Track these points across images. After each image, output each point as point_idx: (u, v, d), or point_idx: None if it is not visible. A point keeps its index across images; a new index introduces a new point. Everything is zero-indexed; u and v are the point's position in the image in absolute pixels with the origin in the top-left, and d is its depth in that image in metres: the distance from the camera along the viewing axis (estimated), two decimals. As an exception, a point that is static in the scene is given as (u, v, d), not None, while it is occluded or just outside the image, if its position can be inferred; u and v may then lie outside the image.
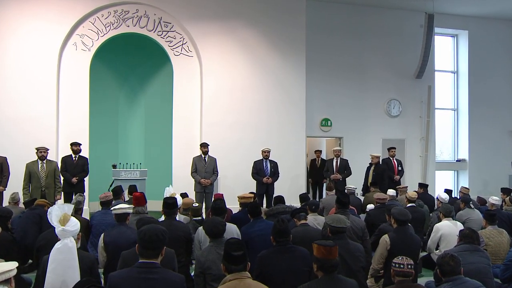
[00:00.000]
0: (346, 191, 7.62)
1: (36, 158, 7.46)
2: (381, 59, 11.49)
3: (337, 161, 9.06)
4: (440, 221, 5.49)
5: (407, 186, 8.08)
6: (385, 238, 4.35)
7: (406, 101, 11.64)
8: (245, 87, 9.85)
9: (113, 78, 10.63)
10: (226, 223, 4.00)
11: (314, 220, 5.29)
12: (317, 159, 11.11)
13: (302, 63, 10.23)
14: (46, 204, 5.72)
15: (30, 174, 7.34)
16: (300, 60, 10.22)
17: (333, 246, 2.94)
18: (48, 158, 7.57)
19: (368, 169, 9.02)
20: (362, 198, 8.13)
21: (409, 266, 3.10)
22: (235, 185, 9.02)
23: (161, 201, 4.63)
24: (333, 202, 6.32)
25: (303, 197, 6.83)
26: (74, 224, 3.29)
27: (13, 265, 2.60)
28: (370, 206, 6.71)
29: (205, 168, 8.23)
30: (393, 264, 3.16)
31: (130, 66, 10.68)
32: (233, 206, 6.76)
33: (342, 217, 4.01)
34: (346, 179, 8.99)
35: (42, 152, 7.43)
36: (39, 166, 7.40)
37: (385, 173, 8.74)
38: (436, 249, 5.37)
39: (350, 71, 11.27)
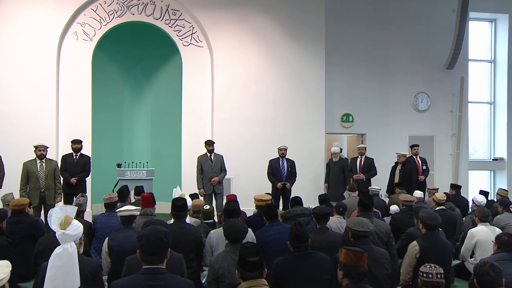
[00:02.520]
0: (369, 192, 7.56)
1: (34, 156, 7.44)
2: (408, 49, 11.35)
3: (361, 160, 9.00)
4: (475, 226, 5.39)
5: (437, 188, 7.98)
6: (414, 245, 4.28)
7: (435, 94, 11.48)
8: (260, 80, 9.83)
9: (117, 71, 10.70)
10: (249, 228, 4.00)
11: (338, 223, 5.27)
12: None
13: (321, 54, 10.16)
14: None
15: (28, 174, 7.30)
16: (319, 51, 10.15)
17: (363, 252, 2.90)
18: (47, 157, 7.55)
19: (394, 168, 8.94)
20: (387, 200, 8.05)
21: (439, 276, 3.04)
22: (248, 186, 9.02)
23: (169, 202, 4.64)
24: (355, 204, 6.29)
25: (322, 199, 6.79)
26: (76, 228, 3.29)
27: (5, 271, 2.59)
28: (394, 208, 6.65)
29: (212, 168, 8.22)
30: (420, 274, 3.10)
31: (135, 57, 10.73)
32: (247, 208, 6.75)
33: (365, 220, 3.96)
34: (371, 179, 8.92)
35: (41, 151, 7.41)
36: (38, 166, 7.38)
37: (412, 173, 8.64)
38: (471, 257, 5.28)
39: (374, 62, 11.16)
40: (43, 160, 7.43)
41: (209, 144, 8.33)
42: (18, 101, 8.65)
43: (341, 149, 9.73)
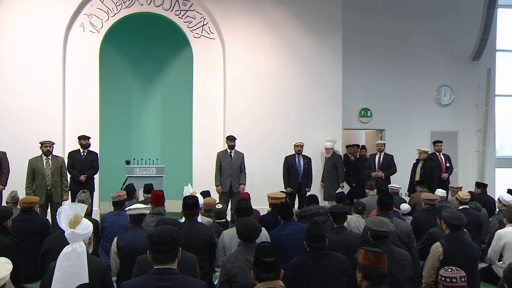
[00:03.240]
0: (389, 190, 7.52)
1: (40, 153, 7.50)
2: (430, 40, 11.24)
3: (379, 157, 8.96)
4: (503, 226, 5.32)
5: (461, 187, 7.89)
6: (437, 246, 4.24)
7: (459, 88, 11.36)
8: (273, 74, 9.82)
9: (126, 64, 10.76)
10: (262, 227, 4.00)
11: (357, 222, 5.24)
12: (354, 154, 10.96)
13: (338, 46, 10.11)
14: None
15: (34, 171, 7.36)
16: (336, 43, 10.10)
17: (382, 253, 2.89)
18: (53, 153, 7.60)
19: (415, 166, 8.87)
20: (407, 199, 7.98)
21: (462, 279, 3.00)
22: (262, 183, 9.04)
23: (180, 201, 4.66)
24: (374, 203, 6.24)
25: (340, 197, 6.77)
26: (86, 227, 3.30)
27: (5, 269, 2.61)
28: (404, 207, 6.60)
29: (231, 165, 8.24)
30: (442, 278, 3.07)
31: (144, 50, 10.79)
32: (260, 206, 6.77)
33: (385, 219, 3.94)
34: (390, 177, 8.88)
35: (47, 147, 7.46)
36: (44, 163, 7.43)
37: (434, 170, 8.56)
38: (499, 260, 5.22)
39: (394, 54, 11.10)
40: (49, 157, 7.48)
41: (231, 139, 8.35)
42: (23, 95, 8.71)
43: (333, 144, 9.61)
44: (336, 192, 8.67)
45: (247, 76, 9.69)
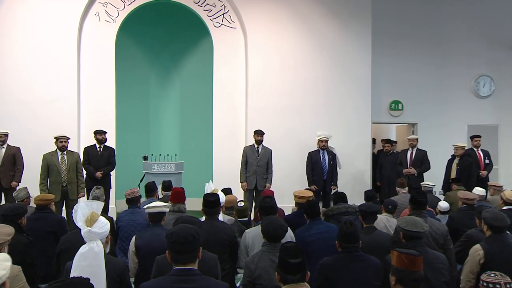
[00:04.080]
0: (422, 188, 7.41)
1: (54, 148, 7.60)
2: (468, 27, 11.05)
3: (412, 153, 8.84)
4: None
5: (502, 185, 7.73)
6: (477, 249, 4.14)
7: (500, 78, 11.15)
8: (298, 65, 9.77)
9: (143, 55, 10.84)
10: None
11: (387, 221, 5.18)
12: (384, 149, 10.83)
13: (367, 35, 10.01)
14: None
15: (49, 167, 7.46)
16: (365, 31, 10.01)
17: (418, 255, 2.83)
18: (68, 148, 7.69)
19: (450, 162, 8.74)
20: (442, 198, 7.86)
21: (507, 286, 2.93)
22: (286, 180, 9.01)
23: (200, 198, 4.67)
24: (405, 201, 6.15)
25: (369, 195, 6.70)
26: (103, 225, 3.32)
27: (4, 266, 2.62)
28: (444, 205, 6.48)
29: (257, 161, 8.24)
30: (485, 284, 3.00)
31: (162, 40, 10.85)
32: (283, 205, 6.74)
33: (418, 219, 3.88)
34: (423, 174, 8.76)
35: (62, 142, 7.54)
36: (59, 158, 7.52)
37: (472, 167, 8.41)
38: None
39: (427, 42, 10.96)
40: (65, 152, 7.57)
41: (258, 134, 8.37)
42: (36, 88, 8.81)
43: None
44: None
45: (270, 67, 9.65)
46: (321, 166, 8.46)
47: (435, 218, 5.55)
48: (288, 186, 8.83)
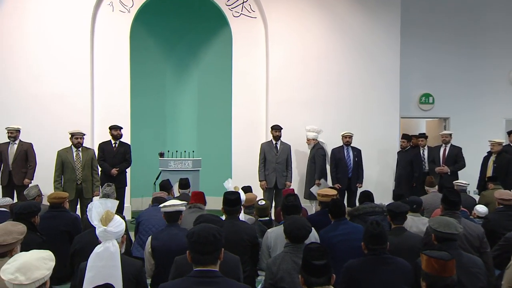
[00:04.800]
0: (455, 187, 7.31)
1: (67, 144, 7.69)
2: (506, 15, 10.89)
3: (445, 149, 8.72)
4: None
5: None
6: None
7: (541, 69, 10.95)
8: (322, 56, 9.72)
9: (159, 47, 10.90)
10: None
11: (412, 222, 5.13)
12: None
13: (396, 24, 9.92)
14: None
15: (63, 164, 7.55)
16: (393, 20, 9.92)
17: (449, 259, 2.78)
18: (83, 145, 7.78)
19: (486, 159, 8.61)
20: (477, 198, 7.75)
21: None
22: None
23: (218, 197, 4.69)
24: (436, 201, 6.11)
25: (397, 194, 6.62)
26: (119, 224, 3.35)
27: (48, 266, 2.64)
28: (481, 210, 6.36)
29: (276, 158, 8.23)
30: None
31: (178, 31, 10.89)
32: (305, 204, 6.73)
33: (451, 220, 3.82)
34: (458, 173, 8.65)
35: (78, 138, 7.63)
36: (74, 155, 7.61)
37: (510, 165, 8.27)
38: None
39: (461, 32, 10.83)
40: (80, 149, 7.66)
41: (276, 129, 8.36)
42: (48, 82, 8.93)
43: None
44: (310, 189, 8.52)
45: (292, 59, 9.63)
46: (345, 163, 8.42)
47: (469, 219, 5.46)
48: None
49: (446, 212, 4.68)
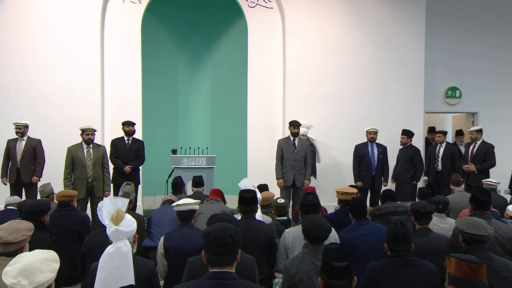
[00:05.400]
0: (484, 186, 7.22)
1: (76, 141, 7.69)
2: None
3: (474, 147, 8.61)
4: None
5: None
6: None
7: None
8: (341, 48, 9.68)
9: (171, 40, 10.92)
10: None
11: (439, 223, 5.08)
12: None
13: (421, 13, 9.87)
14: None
15: (73, 161, 7.56)
16: (418, 9, 9.86)
17: (480, 263, 2.74)
18: (94, 141, 7.80)
19: (517, 157, 8.48)
20: (509, 198, 7.65)
21: None
22: (328, 176, 8.95)
23: (233, 196, 4.69)
24: (462, 201, 6.07)
25: (423, 193, 6.56)
26: (130, 224, 3.36)
27: (53, 268, 2.65)
28: None
29: (294, 155, 8.20)
30: None
31: (192, 23, 10.90)
32: (326, 203, 6.68)
33: (480, 221, 3.78)
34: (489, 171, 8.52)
35: (89, 135, 7.64)
36: (85, 152, 7.62)
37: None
38: None
39: (490, 23, 10.73)
40: (90, 146, 7.68)
41: (294, 125, 8.29)
42: (57, 76, 9.00)
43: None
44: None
45: (311, 51, 9.60)
46: (368, 160, 8.35)
47: (501, 220, 5.38)
48: (330, 181, 8.80)
49: (475, 213, 4.63)
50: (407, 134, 8.86)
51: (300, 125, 8.32)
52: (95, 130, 7.85)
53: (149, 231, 5.59)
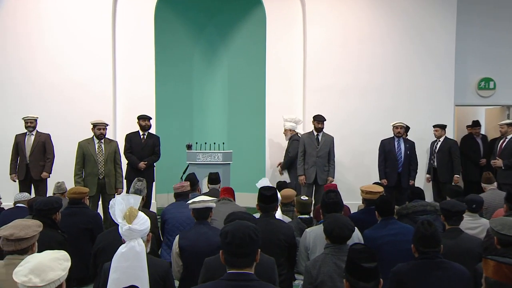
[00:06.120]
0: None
1: (88, 135, 7.74)
2: None
3: (503, 141, 8.51)
4: None
5: None
6: None
7: None
8: (365, 38, 9.63)
9: (186, 29, 10.95)
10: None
11: (471, 223, 5.04)
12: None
13: (452, 1, 9.72)
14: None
15: (84, 157, 7.59)
16: (448, -4, 9.73)
17: None
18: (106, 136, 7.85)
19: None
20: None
21: None
22: (351, 173, 8.92)
23: (250, 193, 4.69)
24: (495, 199, 6.01)
25: (455, 191, 6.49)
26: (143, 222, 3.38)
27: (64, 267, 2.68)
28: None
29: (317, 151, 8.18)
30: None
31: (207, 11, 10.93)
32: (348, 202, 6.66)
33: (517, 222, 3.74)
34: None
35: (101, 129, 7.68)
36: (96, 147, 7.65)
37: None
38: None
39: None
40: (102, 141, 7.71)
41: (319, 120, 8.29)
42: (67, 68, 9.09)
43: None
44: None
45: (333, 41, 9.56)
46: (395, 157, 8.27)
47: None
48: (353, 178, 8.75)
49: (511, 213, 4.58)
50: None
51: (325, 120, 8.29)
52: (107, 125, 7.89)
53: (167, 238, 5.54)
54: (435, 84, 9.70)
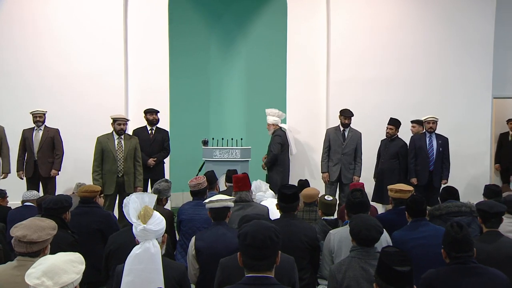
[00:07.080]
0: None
1: (99, 130, 7.76)
2: None
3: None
4: None
5: None
6: None
7: None
8: (393, 26, 9.57)
9: (202, 18, 10.98)
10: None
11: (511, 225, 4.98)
12: (510, 132, 10.47)
13: (491, -16, 9.65)
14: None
15: (103, 153, 7.58)
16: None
17: None
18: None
19: None
20: None
21: None
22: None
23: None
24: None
25: (492, 190, 6.41)
26: (159, 222, 3.39)
27: (78, 270, 2.71)
28: None
29: (343, 148, 8.15)
30: None
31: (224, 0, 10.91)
32: (373, 202, 6.67)
33: (562, 225, 3.70)
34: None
35: (121, 125, 7.66)
36: (116, 143, 7.63)
37: None
38: None
39: None
40: (122, 137, 7.68)
41: (346, 116, 8.29)
42: (77, 59, 9.15)
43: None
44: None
45: (358, 30, 9.53)
46: (426, 154, 8.17)
47: None
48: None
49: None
50: (394, 123, 8.45)
51: (353, 115, 8.25)
52: (128, 120, 7.94)
53: (183, 240, 5.51)
54: (471, 75, 9.62)
